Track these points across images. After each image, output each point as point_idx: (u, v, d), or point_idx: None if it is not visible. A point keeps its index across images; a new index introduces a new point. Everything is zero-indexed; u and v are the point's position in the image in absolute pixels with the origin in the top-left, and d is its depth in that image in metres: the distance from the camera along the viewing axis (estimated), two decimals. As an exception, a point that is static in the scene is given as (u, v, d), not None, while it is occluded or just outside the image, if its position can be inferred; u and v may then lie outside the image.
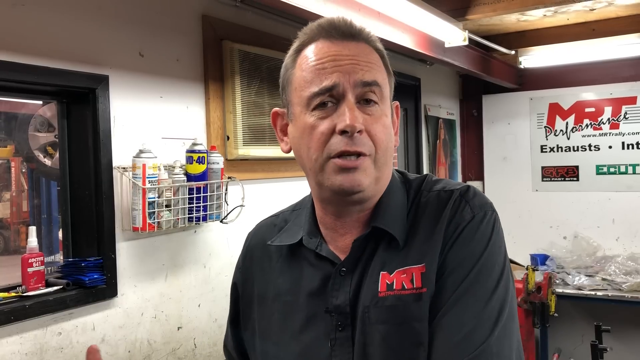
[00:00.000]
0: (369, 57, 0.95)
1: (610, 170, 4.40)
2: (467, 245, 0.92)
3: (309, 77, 0.93)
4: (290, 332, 1.00)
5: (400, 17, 2.62)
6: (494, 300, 0.89)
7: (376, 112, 0.93)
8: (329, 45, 0.94)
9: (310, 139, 0.93)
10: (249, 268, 1.12)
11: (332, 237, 1.01)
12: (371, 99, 0.93)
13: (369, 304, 0.93)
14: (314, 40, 0.96)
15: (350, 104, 0.91)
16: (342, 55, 0.92)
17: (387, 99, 0.97)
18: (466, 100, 4.93)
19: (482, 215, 0.94)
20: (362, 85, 0.91)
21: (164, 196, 1.96)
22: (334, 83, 0.91)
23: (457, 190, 0.98)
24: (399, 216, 0.98)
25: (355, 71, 0.91)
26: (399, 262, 0.94)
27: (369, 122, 0.92)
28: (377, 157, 0.93)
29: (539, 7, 3.12)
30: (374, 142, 0.92)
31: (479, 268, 0.90)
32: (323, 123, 0.92)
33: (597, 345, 3.22)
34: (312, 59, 0.94)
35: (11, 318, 1.64)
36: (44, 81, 1.75)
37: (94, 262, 1.87)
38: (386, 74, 0.98)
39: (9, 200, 4.62)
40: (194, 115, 2.29)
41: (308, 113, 0.93)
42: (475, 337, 0.86)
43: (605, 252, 4.35)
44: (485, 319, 0.88)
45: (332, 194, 0.95)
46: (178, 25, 2.21)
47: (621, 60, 4.24)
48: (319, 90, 0.91)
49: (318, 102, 0.92)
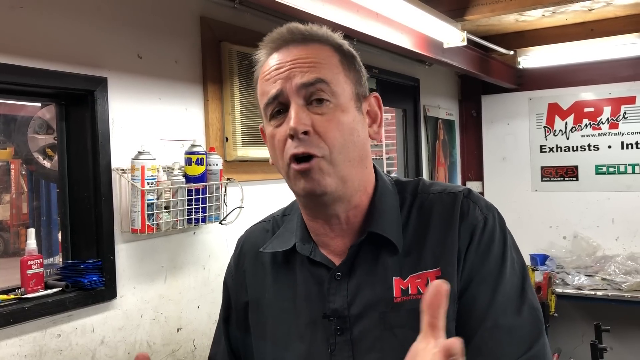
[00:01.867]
0: (313, 58, 0.94)
1: (610, 170, 4.40)
2: (490, 249, 0.94)
3: (261, 90, 0.97)
4: (288, 337, 1.00)
5: (399, 17, 2.62)
6: (528, 297, 0.93)
7: (328, 110, 0.92)
8: (276, 56, 0.96)
9: (274, 148, 0.95)
10: (241, 275, 1.11)
11: (324, 241, 1.00)
12: (322, 98, 0.92)
13: (385, 309, 0.93)
14: (266, 55, 0.98)
15: (295, 107, 0.91)
16: (284, 62, 0.94)
17: (345, 94, 0.94)
18: (465, 100, 4.93)
19: (492, 216, 0.96)
20: (305, 87, 0.92)
21: (162, 198, 1.96)
22: (277, 91, 0.93)
23: (460, 192, 0.98)
24: (394, 221, 0.97)
25: (294, 75, 0.92)
26: (412, 267, 0.94)
27: (319, 122, 0.91)
28: (332, 156, 0.91)
29: (537, 7, 3.11)
30: (325, 142, 0.91)
31: (507, 269, 0.93)
32: (279, 130, 0.94)
33: (597, 345, 3.23)
34: (263, 72, 0.97)
35: (10, 320, 1.64)
36: (42, 83, 1.75)
37: (93, 264, 1.87)
38: (342, 68, 0.96)
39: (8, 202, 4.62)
40: (193, 116, 2.29)
41: (268, 123, 0.96)
42: (525, 335, 0.90)
43: (604, 251, 4.36)
44: (527, 316, 0.91)
45: (305, 199, 0.97)
46: (176, 27, 2.21)
47: (620, 60, 4.24)
48: (268, 99, 0.94)
49: (271, 111, 0.95)
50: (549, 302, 3.58)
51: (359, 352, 0.93)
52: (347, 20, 2.32)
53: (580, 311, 4.35)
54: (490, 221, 0.95)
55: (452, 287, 0.92)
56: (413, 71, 4.07)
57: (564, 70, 4.48)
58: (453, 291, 0.92)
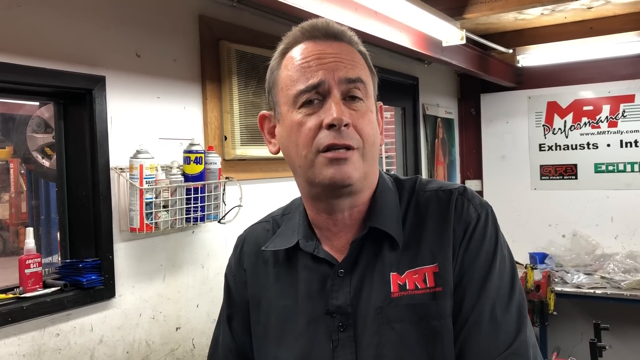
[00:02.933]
0: (351, 56, 0.97)
1: (609, 169, 4.40)
2: (482, 245, 0.95)
3: (295, 76, 0.95)
4: (289, 335, 1.01)
5: (398, 16, 2.62)
6: (516, 294, 0.95)
7: (362, 108, 0.95)
8: (312, 45, 0.96)
9: (299, 136, 0.94)
10: (242, 274, 1.12)
11: (327, 237, 1.02)
12: (356, 96, 0.95)
13: (383, 304, 0.94)
14: (298, 42, 0.98)
15: (336, 99, 0.92)
16: (326, 54, 0.95)
17: (372, 97, 0.99)
18: (464, 99, 4.93)
19: (485, 213, 0.98)
20: (347, 82, 0.93)
21: (161, 197, 1.96)
22: (320, 80, 0.93)
23: (456, 189, 1.00)
24: (394, 217, 0.99)
25: (340, 68, 0.94)
26: (409, 263, 0.96)
27: (355, 117, 0.94)
28: (365, 151, 0.94)
29: (536, 5, 3.11)
30: (361, 136, 0.94)
31: (497, 265, 0.95)
32: (310, 119, 0.93)
33: (596, 343, 3.22)
34: (297, 58, 0.96)
35: (9, 319, 1.63)
36: (40, 82, 1.75)
37: (91, 263, 1.87)
38: (369, 73, 1.00)
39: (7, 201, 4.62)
40: (192, 115, 2.29)
41: (295, 111, 0.95)
42: (510, 331, 0.92)
43: (604, 250, 4.36)
44: (514, 313, 0.93)
45: (323, 189, 0.96)
46: (175, 26, 2.21)
47: (619, 58, 4.23)
48: (305, 87, 0.93)
49: (305, 99, 0.94)
50: (548, 300, 3.58)
51: (360, 348, 0.95)
52: (346, 19, 2.32)
53: (579, 310, 4.36)
54: (483, 218, 0.97)
55: (449, 282, 0.93)
56: (412, 70, 4.07)
57: (563, 69, 4.47)
58: (450, 286, 0.94)
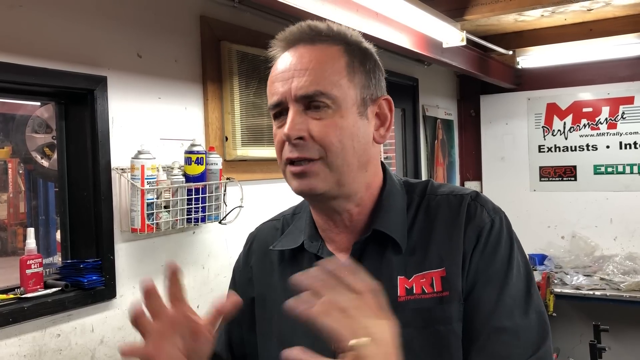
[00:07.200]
0: (319, 61, 0.94)
1: (608, 170, 4.41)
2: (497, 251, 0.94)
3: (269, 90, 0.99)
4: (293, 333, 1.00)
5: (398, 17, 2.61)
6: (534, 300, 0.94)
7: (327, 115, 0.93)
8: (286, 57, 0.97)
9: (275, 147, 0.98)
10: (249, 271, 1.13)
11: (330, 237, 1.02)
12: (319, 105, 0.93)
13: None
14: (278, 53, 0.99)
15: (292, 113, 0.93)
16: (288, 66, 0.95)
17: (347, 99, 0.94)
18: (464, 100, 4.93)
19: (499, 219, 0.97)
20: (302, 98, 0.93)
21: (162, 197, 1.96)
22: (279, 100, 0.95)
23: (468, 194, 0.99)
24: (400, 220, 0.98)
25: (298, 84, 0.93)
26: (417, 267, 0.95)
27: (316, 127, 0.92)
28: (329, 160, 0.93)
29: (536, 7, 3.12)
30: (322, 146, 0.92)
31: (513, 271, 0.94)
32: (279, 132, 0.96)
33: (596, 344, 3.23)
34: (272, 73, 0.99)
35: (9, 320, 1.63)
36: (41, 82, 1.74)
37: (92, 263, 1.87)
38: (347, 72, 0.95)
39: (6, 201, 4.60)
40: (193, 116, 2.28)
41: (273, 122, 0.99)
42: (531, 337, 0.91)
43: (603, 251, 4.36)
44: (533, 318, 0.92)
45: (302, 197, 1.00)
46: (176, 26, 2.21)
47: (618, 60, 4.24)
48: (269, 105, 0.97)
49: (274, 112, 0.97)
50: (547, 302, 3.59)
51: None
52: (346, 20, 2.31)
53: (578, 311, 4.36)
54: (497, 224, 0.96)
55: (456, 287, 0.93)
56: (412, 71, 4.07)
57: (562, 70, 4.48)
58: (458, 291, 0.92)
